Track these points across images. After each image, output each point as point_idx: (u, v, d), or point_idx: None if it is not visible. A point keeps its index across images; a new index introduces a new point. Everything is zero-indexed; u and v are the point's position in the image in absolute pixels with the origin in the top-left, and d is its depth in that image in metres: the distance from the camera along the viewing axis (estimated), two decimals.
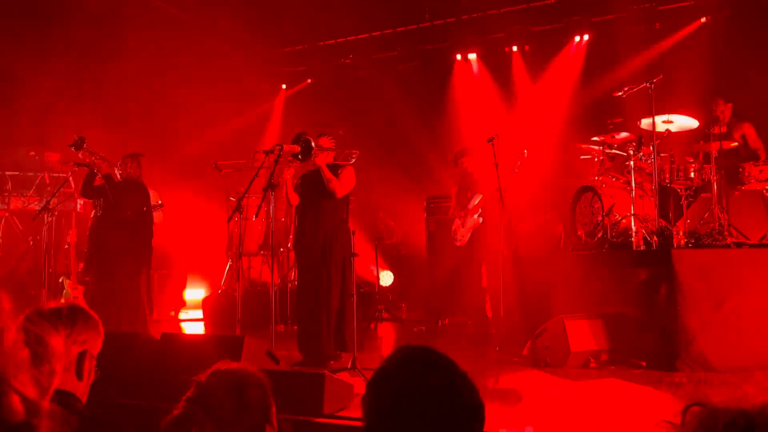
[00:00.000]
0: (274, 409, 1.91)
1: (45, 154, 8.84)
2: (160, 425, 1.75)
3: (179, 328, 8.60)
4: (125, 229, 6.49)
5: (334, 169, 5.86)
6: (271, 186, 5.29)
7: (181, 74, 9.75)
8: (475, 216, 6.94)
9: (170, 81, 9.58)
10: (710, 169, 6.18)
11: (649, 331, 5.42)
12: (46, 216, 6.14)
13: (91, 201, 6.79)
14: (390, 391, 1.44)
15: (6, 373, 0.88)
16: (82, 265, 8.46)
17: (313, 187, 5.87)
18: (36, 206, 8.02)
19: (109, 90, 9.05)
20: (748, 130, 6.92)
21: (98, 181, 6.49)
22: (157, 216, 7.58)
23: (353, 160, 5.98)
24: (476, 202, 6.93)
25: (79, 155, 6.52)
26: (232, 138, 10.06)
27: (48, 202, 6.20)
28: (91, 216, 6.60)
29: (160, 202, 7.91)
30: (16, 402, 0.87)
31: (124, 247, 6.46)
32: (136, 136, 8.74)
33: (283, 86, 11.25)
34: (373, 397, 1.46)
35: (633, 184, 6.20)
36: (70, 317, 2.03)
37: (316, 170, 5.81)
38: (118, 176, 6.61)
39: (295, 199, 5.93)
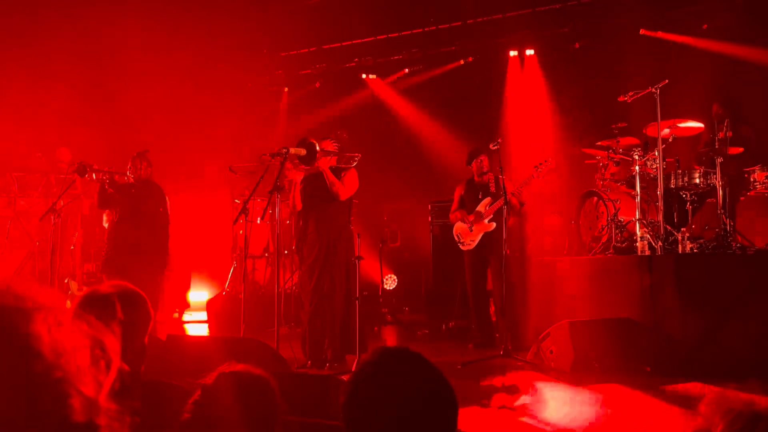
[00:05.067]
0: (281, 411, 1.92)
1: (57, 150, 8.85)
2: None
3: (183, 329, 8.61)
4: (143, 230, 6.52)
5: (337, 172, 5.87)
6: (276, 189, 5.29)
7: (185, 76, 9.78)
8: (486, 221, 6.70)
9: (175, 83, 9.61)
10: (715, 174, 6.17)
11: (654, 336, 5.42)
12: (52, 217, 6.15)
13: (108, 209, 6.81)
14: (365, 392, 1.46)
15: (68, 372, 0.87)
16: (87, 266, 8.45)
17: (316, 190, 5.87)
18: (42, 207, 8.05)
19: (113, 92, 9.07)
20: (748, 133, 6.91)
21: (111, 190, 6.51)
22: None
23: (355, 163, 5.99)
24: (489, 207, 6.72)
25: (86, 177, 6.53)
26: (236, 140, 10.09)
27: (54, 204, 6.20)
28: (109, 219, 6.63)
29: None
30: (77, 402, 0.87)
31: (142, 249, 6.49)
32: (141, 136, 8.76)
33: (285, 89, 11.27)
34: (350, 399, 1.47)
35: (638, 189, 6.19)
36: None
37: (319, 173, 5.82)
38: (132, 179, 6.62)
39: (300, 204, 5.93)
